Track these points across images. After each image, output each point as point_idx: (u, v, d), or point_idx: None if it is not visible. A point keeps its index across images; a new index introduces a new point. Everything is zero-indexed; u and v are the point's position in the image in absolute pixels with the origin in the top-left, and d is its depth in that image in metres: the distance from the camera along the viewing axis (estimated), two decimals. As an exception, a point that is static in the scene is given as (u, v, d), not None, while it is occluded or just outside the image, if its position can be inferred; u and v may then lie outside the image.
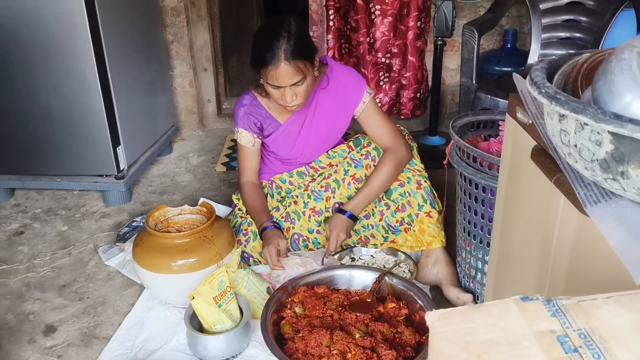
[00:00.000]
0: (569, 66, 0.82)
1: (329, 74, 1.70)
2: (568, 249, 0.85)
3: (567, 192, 0.81)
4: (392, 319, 1.40)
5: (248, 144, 1.76)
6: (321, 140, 1.79)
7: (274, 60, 1.47)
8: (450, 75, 2.93)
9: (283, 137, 1.76)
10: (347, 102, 1.72)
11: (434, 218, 1.68)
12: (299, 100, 1.57)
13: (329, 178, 1.76)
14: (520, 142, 1.02)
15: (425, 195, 1.69)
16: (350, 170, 1.75)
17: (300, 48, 1.49)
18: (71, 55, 1.99)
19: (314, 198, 1.75)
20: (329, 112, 1.73)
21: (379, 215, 1.73)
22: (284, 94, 1.54)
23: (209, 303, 1.36)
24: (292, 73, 1.49)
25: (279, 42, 1.47)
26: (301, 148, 1.78)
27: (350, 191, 1.74)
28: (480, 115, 1.59)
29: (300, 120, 1.74)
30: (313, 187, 1.77)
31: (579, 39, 2.29)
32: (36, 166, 2.19)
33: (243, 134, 1.75)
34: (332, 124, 1.75)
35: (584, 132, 0.66)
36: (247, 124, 1.73)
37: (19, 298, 1.66)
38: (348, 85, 1.71)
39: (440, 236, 1.66)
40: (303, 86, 1.54)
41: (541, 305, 0.52)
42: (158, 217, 1.60)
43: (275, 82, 1.51)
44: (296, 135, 1.76)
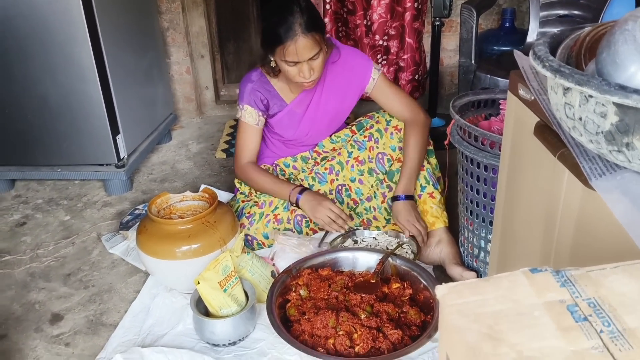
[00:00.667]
0: (571, 40, 0.82)
1: (337, 53, 1.71)
2: (572, 223, 0.86)
3: (571, 166, 0.81)
4: (396, 299, 1.41)
5: (252, 121, 1.73)
6: (327, 121, 1.79)
7: (291, 35, 1.47)
8: (449, 56, 2.91)
9: (288, 117, 1.76)
10: (355, 81, 1.73)
11: (436, 199, 1.68)
12: (316, 75, 1.57)
13: (332, 160, 1.76)
14: (522, 119, 1.02)
15: (427, 176, 1.69)
16: (353, 153, 1.75)
17: (314, 20, 1.51)
18: (67, 44, 1.97)
19: (319, 181, 1.75)
20: (337, 92, 1.74)
21: (382, 197, 1.74)
22: (302, 69, 1.53)
23: (214, 288, 1.36)
24: (310, 45, 1.49)
25: (293, 17, 1.47)
26: (306, 129, 1.78)
27: (354, 173, 1.74)
28: (480, 95, 1.59)
29: (307, 100, 1.75)
30: (317, 170, 1.77)
31: (577, 16, 2.27)
32: (36, 157, 2.19)
33: (248, 110, 1.73)
34: (340, 104, 1.76)
35: (589, 104, 0.66)
36: (253, 99, 1.71)
37: (24, 288, 1.67)
38: (355, 64, 1.72)
39: (442, 216, 1.67)
40: (319, 60, 1.55)
41: (550, 276, 0.53)
42: (160, 204, 1.61)
43: (294, 58, 1.51)
44: (301, 116, 1.76)
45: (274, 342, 1.35)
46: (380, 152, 1.73)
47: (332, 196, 1.75)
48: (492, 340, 0.46)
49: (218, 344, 1.37)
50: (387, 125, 1.74)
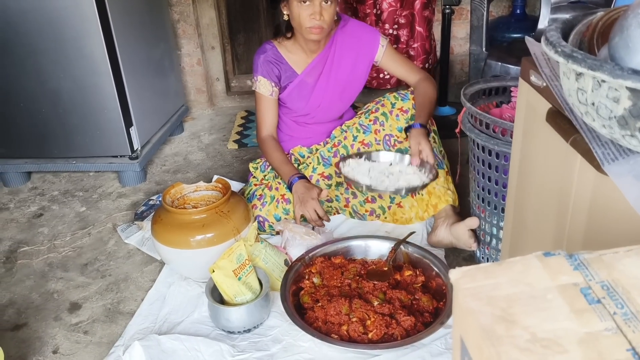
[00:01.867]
0: (583, 25, 0.81)
1: (344, 24, 1.79)
2: (585, 208, 0.86)
3: (583, 152, 0.81)
4: (409, 286, 1.42)
5: (267, 92, 1.79)
6: (339, 91, 1.81)
7: None
8: (459, 44, 2.90)
9: (299, 88, 1.80)
10: (364, 49, 1.79)
11: (440, 179, 1.68)
12: (325, 22, 1.63)
13: (338, 145, 1.78)
14: (534, 106, 1.02)
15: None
16: (359, 137, 1.76)
17: None
18: (80, 38, 1.99)
19: (323, 164, 1.77)
20: (347, 61, 1.79)
21: None
22: (315, 9, 1.60)
23: (229, 276, 1.38)
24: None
25: None
26: (318, 100, 1.81)
27: None
28: (491, 82, 1.58)
29: (318, 69, 1.79)
30: (322, 153, 1.79)
31: (589, 1, 2.25)
32: (51, 149, 2.22)
33: (262, 81, 1.79)
34: (350, 73, 1.80)
35: (602, 89, 0.66)
36: (266, 70, 1.77)
37: (42, 278, 1.70)
38: (363, 34, 1.80)
39: (446, 196, 1.67)
40: (331, 7, 1.62)
41: (563, 259, 0.54)
42: (174, 194, 1.62)
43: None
44: (312, 87, 1.80)
45: (288, 329, 1.37)
46: (387, 134, 1.74)
47: (340, 179, 1.76)
48: (506, 323, 0.47)
49: (233, 331, 1.39)
50: (392, 107, 1.76)
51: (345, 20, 1.80)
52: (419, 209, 1.71)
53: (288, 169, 1.74)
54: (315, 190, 1.67)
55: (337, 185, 1.77)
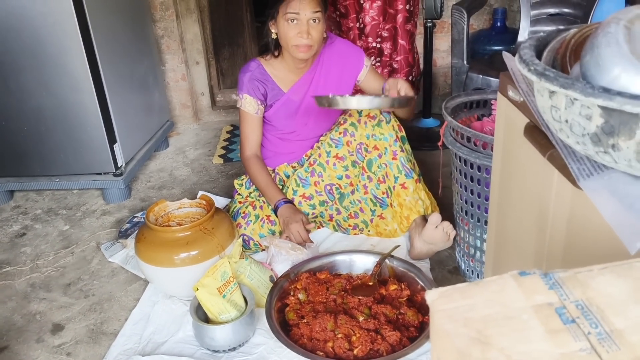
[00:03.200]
0: (557, 42, 0.83)
1: (330, 43, 1.80)
2: (564, 222, 0.87)
3: (560, 167, 0.82)
4: (394, 300, 1.42)
5: (252, 110, 1.78)
6: (325, 109, 1.81)
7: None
8: (442, 56, 2.93)
9: (286, 107, 1.80)
10: (349, 67, 1.81)
11: (409, 189, 1.69)
12: (312, 41, 1.63)
13: (314, 163, 1.77)
14: (512, 120, 1.03)
15: (400, 166, 1.70)
16: (332, 152, 1.75)
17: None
18: (61, 55, 1.98)
19: (302, 185, 1.76)
20: (333, 80, 1.80)
21: (363, 189, 1.76)
22: (301, 28, 1.60)
23: (213, 294, 1.37)
24: (314, 3, 1.60)
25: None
26: (304, 118, 1.82)
27: (337, 171, 1.75)
28: (472, 95, 1.60)
29: (304, 88, 1.79)
30: (300, 174, 1.78)
31: (568, 14, 2.29)
32: (34, 167, 2.20)
33: (247, 99, 1.77)
34: (336, 89, 1.81)
35: (574, 107, 0.67)
36: (251, 88, 1.76)
37: (24, 299, 1.67)
38: (349, 52, 1.81)
39: (417, 206, 1.69)
40: (319, 26, 1.63)
41: (538, 278, 0.54)
42: (158, 211, 1.61)
43: (296, 9, 1.59)
44: (298, 105, 1.80)
45: (274, 347, 1.36)
46: (359, 143, 1.73)
47: (322, 197, 1.76)
48: (481, 345, 0.47)
49: (218, 350, 1.37)
50: (359, 116, 1.74)
51: (332, 38, 1.81)
52: (399, 222, 1.72)
53: (274, 192, 1.74)
54: (300, 215, 1.68)
55: (320, 203, 1.77)
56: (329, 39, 1.80)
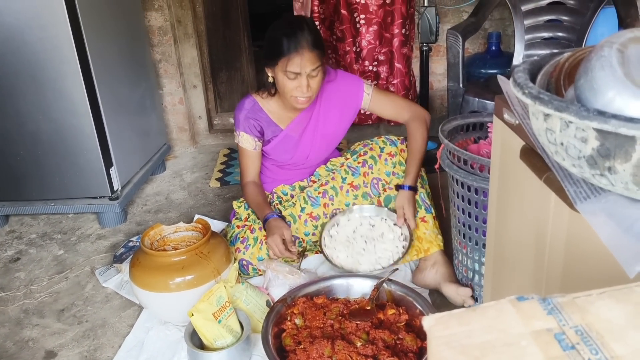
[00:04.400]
0: (550, 66, 0.83)
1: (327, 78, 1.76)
2: (562, 245, 0.86)
3: (557, 189, 0.82)
4: (392, 325, 1.40)
5: (250, 147, 1.78)
6: (326, 143, 1.83)
7: (298, 47, 1.56)
8: (438, 79, 2.95)
9: (284, 142, 1.79)
10: (349, 100, 1.79)
11: (429, 223, 1.69)
12: (312, 92, 1.63)
13: (326, 185, 1.77)
14: (508, 143, 1.03)
15: (420, 201, 1.70)
16: (347, 178, 1.75)
17: (319, 40, 1.62)
18: (59, 79, 1.99)
19: (311, 204, 1.75)
20: (334, 113, 1.79)
21: None
22: (301, 83, 1.59)
23: (209, 319, 1.35)
24: (313, 60, 1.58)
25: (302, 33, 1.57)
26: (305, 152, 1.81)
27: (349, 198, 1.75)
28: (468, 118, 1.60)
29: (303, 124, 1.78)
30: (309, 192, 1.77)
31: (562, 38, 2.31)
32: (29, 191, 2.19)
33: (244, 137, 1.77)
34: (337, 125, 1.81)
35: (569, 129, 0.67)
36: (248, 126, 1.76)
37: (17, 325, 1.65)
38: (348, 84, 1.79)
39: (437, 240, 1.67)
40: (317, 78, 1.62)
41: (537, 304, 0.53)
42: (154, 236, 1.60)
43: (297, 69, 1.57)
44: (297, 140, 1.79)
45: (270, 374, 1.33)
46: (375, 177, 1.74)
47: (326, 219, 1.75)
48: (479, 372, 0.46)
49: (214, 377, 1.35)
50: (380, 152, 1.76)
51: (332, 75, 1.77)
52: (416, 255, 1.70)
53: (263, 209, 1.73)
54: (285, 230, 1.65)
55: (322, 225, 1.76)
56: (328, 75, 1.75)
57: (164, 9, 2.79)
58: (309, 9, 2.76)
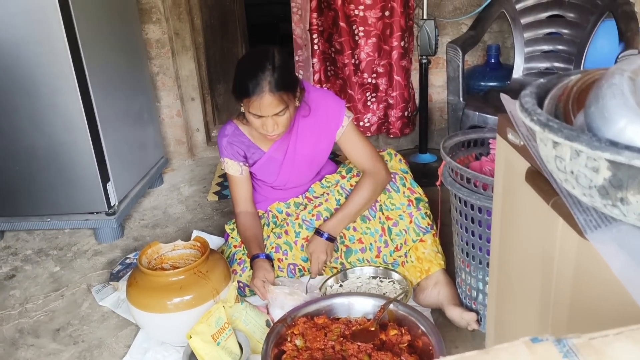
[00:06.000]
0: (558, 89, 0.81)
1: (307, 99, 1.68)
2: (570, 272, 0.84)
3: (565, 215, 0.80)
4: (394, 346, 1.37)
5: (236, 172, 1.75)
6: (306, 165, 1.78)
7: (257, 91, 1.48)
8: (437, 92, 2.94)
9: (267, 164, 1.76)
10: (328, 125, 1.71)
11: (427, 242, 1.66)
12: (280, 130, 1.58)
13: (319, 207, 1.74)
14: (513, 164, 1.02)
15: (416, 228, 1.67)
16: (341, 200, 1.73)
17: (284, 80, 1.51)
18: (55, 95, 1.97)
19: (306, 227, 1.73)
20: (310, 137, 1.73)
21: (376, 252, 1.71)
22: (265, 123, 1.54)
23: (207, 341, 1.33)
24: (275, 104, 1.50)
25: (263, 74, 1.48)
26: (287, 174, 1.77)
27: None
28: (469, 134, 1.59)
29: (284, 146, 1.74)
30: (304, 216, 1.75)
31: (562, 51, 2.31)
32: (25, 207, 2.16)
33: (229, 163, 1.75)
34: (314, 148, 1.75)
35: (580, 158, 0.65)
36: (230, 153, 1.73)
37: (12, 345, 1.62)
38: (327, 108, 1.71)
39: (437, 259, 1.64)
40: (285, 116, 1.55)
41: (552, 346, 0.51)
42: (151, 254, 1.58)
43: (258, 112, 1.52)
44: (280, 162, 1.75)
45: (270, 397, 1.31)
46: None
47: None
48: None
49: (212, 400, 1.32)
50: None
51: (308, 92, 1.68)
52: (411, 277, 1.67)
53: (254, 246, 1.70)
54: (267, 273, 1.62)
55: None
56: (305, 93, 1.66)
57: (161, 22, 2.78)
58: (308, 21, 2.76)
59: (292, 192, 1.84)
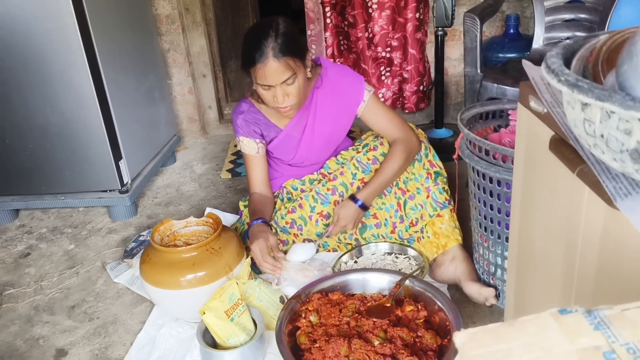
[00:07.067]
0: (586, 50, 0.76)
1: (324, 75, 1.65)
2: (596, 243, 0.80)
3: (592, 183, 0.75)
4: (410, 322, 1.35)
5: (252, 151, 1.71)
6: (324, 142, 1.74)
7: (262, 58, 1.44)
8: (453, 65, 2.87)
9: (285, 142, 1.72)
10: (348, 102, 1.67)
11: (444, 217, 1.62)
12: (292, 101, 1.52)
13: (334, 180, 1.70)
14: (535, 133, 0.97)
15: (433, 203, 1.63)
16: (357, 174, 1.69)
17: (289, 45, 1.46)
18: (66, 72, 1.95)
19: (321, 202, 1.69)
20: (330, 114, 1.68)
21: (391, 227, 1.68)
22: (275, 93, 1.50)
23: (221, 317, 1.31)
24: (281, 70, 1.45)
25: (267, 41, 1.44)
26: (305, 152, 1.73)
27: None
28: (488, 106, 1.54)
29: (302, 123, 1.70)
30: (318, 189, 1.71)
31: (584, 19, 2.22)
32: (39, 185, 2.16)
33: (245, 142, 1.71)
34: (334, 125, 1.71)
35: (611, 120, 0.61)
36: (247, 131, 1.69)
37: (27, 322, 1.62)
38: (346, 85, 1.66)
39: (454, 234, 1.61)
40: (294, 85, 1.50)
41: (582, 317, 0.47)
42: (164, 231, 1.56)
43: (264, 81, 1.47)
44: (298, 140, 1.71)
45: (285, 373, 1.30)
46: None
47: None
48: (523, 399, 0.41)
49: (227, 376, 1.31)
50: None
51: (325, 68, 1.65)
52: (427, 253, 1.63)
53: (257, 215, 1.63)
54: (268, 235, 1.53)
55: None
56: (322, 69, 1.65)
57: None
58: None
59: (308, 170, 1.81)
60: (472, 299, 1.51)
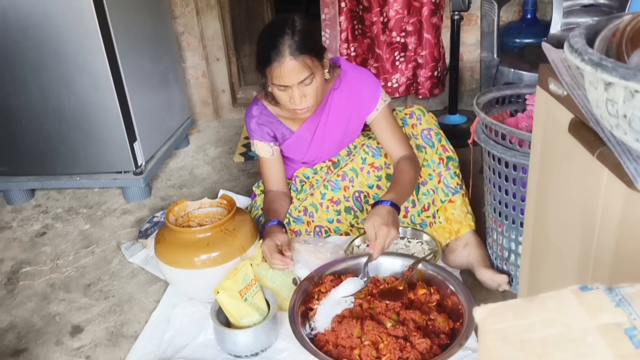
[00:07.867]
0: (609, 31, 0.75)
1: (343, 77, 1.61)
2: (614, 226, 0.80)
3: (612, 166, 0.75)
4: (423, 305, 1.35)
5: (267, 154, 1.69)
6: (336, 144, 1.72)
7: (278, 57, 1.39)
8: (469, 50, 2.84)
9: (296, 143, 1.70)
10: (361, 108, 1.63)
11: (456, 203, 1.62)
12: (309, 102, 1.47)
13: (345, 167, 1.69)
14: (554, 116, 0.96)
15: (445, 188, 1.63)
16: (367, 159, 1.67)
17: (306, 43, 1.41)
18: (81, 53, 1.95)
19: (331, 188, 1.68)
20: (342, 117, 1.66)
21: (403, 211, 1.67)
22: (292, 94, 1.44)
23: (234, 297, 1.33)
24: (298, 69, 1.40)
25: (283, 38, 1.39)
26: (316, 152, 1.72)
27: (370, 179, 1.67)
28: (504, 90, 1.52)
29: (313, 125, 1.67)
30: (329, 177, 1.71)
31: (603, 5, 2.19)
32: (54, 166, 2.18)
33: (259, 145, 1.69)
34: (346, 128, 1.68)
35: (635, 100, 0.60)
36: (260, 135, 1.67)
37: (44, 299, 1.65)
38: (363, 90, 1.62)
39: (467, 220, 1.60)
40: (312, 86, 1.45)
41: (603, 294, 0.47)
42: (178, 212, 1.57)
43: (281, 81, 1.42)
44: (309, 141, 1.70)
45: (298, 353, 1.31)
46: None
47: (349, 203, 1.69)
48: (543, 372, 0.41)
49: (240, 355, 1.33)
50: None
51: (344, 71, 1.61)
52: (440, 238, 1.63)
53: (273, 216, 1.60)
54: (281, 236, 1.49)
55: (346, 209, 1.70)
56: (341, 71, 1.61)
57: (186, -21, 2.73)
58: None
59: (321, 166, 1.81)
60: (485, 285, 1.51)
